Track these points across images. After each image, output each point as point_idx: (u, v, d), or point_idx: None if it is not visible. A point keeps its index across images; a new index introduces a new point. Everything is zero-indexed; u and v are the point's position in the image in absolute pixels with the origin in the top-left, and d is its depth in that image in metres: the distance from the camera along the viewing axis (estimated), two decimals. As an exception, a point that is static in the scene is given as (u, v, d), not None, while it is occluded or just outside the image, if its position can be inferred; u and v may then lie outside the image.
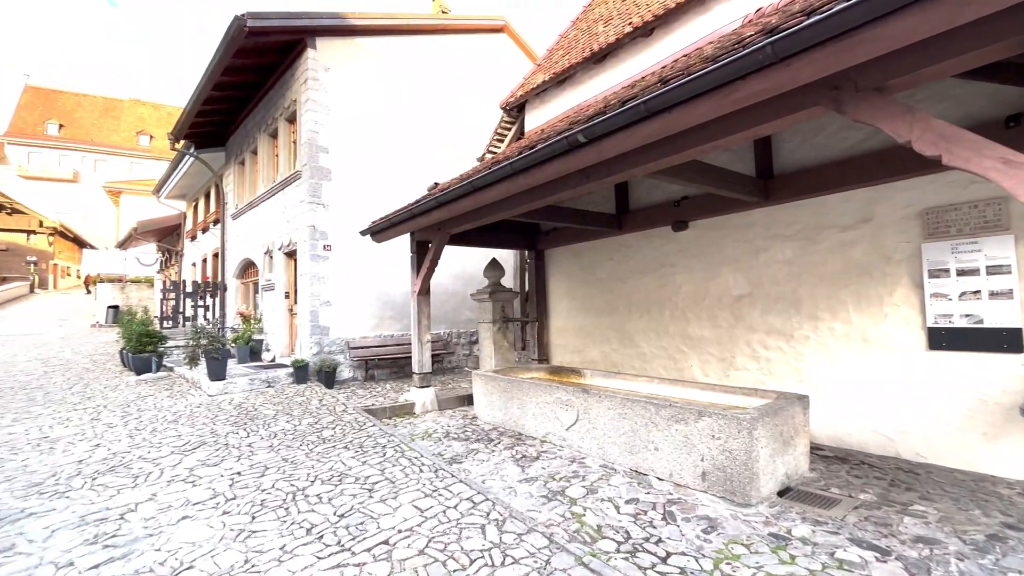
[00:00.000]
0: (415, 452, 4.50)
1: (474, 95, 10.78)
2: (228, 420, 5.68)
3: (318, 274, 8.29)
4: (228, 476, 3.95)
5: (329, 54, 8.76)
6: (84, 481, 3.87)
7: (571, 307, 7.28)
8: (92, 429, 5.43)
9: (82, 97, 46.71)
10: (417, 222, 5.75)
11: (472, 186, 4.45)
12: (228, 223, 12.76)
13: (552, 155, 3.61)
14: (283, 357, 9.30)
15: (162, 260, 23.64)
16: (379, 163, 9.22)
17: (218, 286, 12.89)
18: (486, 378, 5.82)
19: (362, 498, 3.52)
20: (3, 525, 3.12)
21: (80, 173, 42.66)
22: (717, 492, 3.49)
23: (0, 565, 2.65)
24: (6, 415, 6.15)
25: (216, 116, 11.49)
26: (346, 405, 6.37)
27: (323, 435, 5.09)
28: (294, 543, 2.89)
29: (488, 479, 4.00)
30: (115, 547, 2.85)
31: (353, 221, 8.27)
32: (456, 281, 10.04)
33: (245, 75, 9.68)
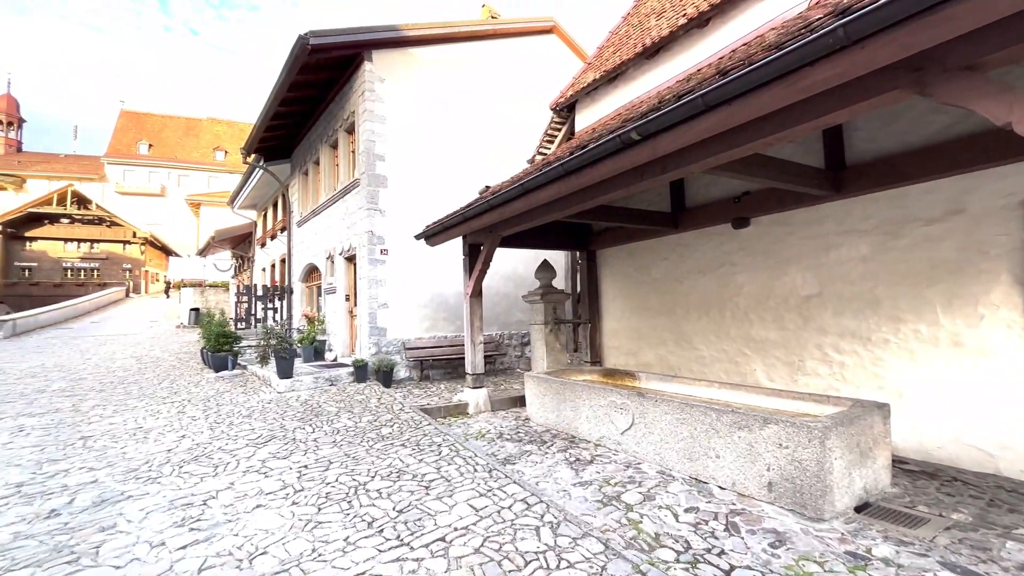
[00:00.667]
0: (469, 452, 4.57)
1: (523, 97, 10.83)
2: (295, 416, 6.03)
3: (376, 277, 8.63)
4: (296, 469, 4.19)
5: (384, 66, 9.10)
6: (172, 469, 4.23)
7: (624, 308, 7.13)
8: (178, 421, 5.93)
9: (168, 119, 51.30)
10: (469, 225, 5.85)
11: (523, 188, 4.46)
12: (294, 230, 13.56)
13: (604, 154, 3.55)
14: (344, 357, 9.75)
15: (236, 266, 25.48)
16: (432, 168, 9.46)
17: (285, 289, 13.72)
18: (538, 380, 5.81)
19: (419, 495, 3.62)
20: (107, 506, 3.47)
21: (166, 187, 46.88)
22: (785, 504, 3.29)
23: (105, 541, 2.95)
24: (108, 407, 6.85)
25: (282, 130, 12.26)
26: (403, 404, 6.57)
27: (382, 432, 5.29)
28: (356, 535, 3.01)
29: (542, 481, 3.99)
30: (199, 530, 3.09)
31: (408, 226, 8.53)
32: (507, 283, 10.12)
33: (308, 90, 10.26)
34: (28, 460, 4.52)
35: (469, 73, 10.20)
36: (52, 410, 6.68)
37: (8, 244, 38.21)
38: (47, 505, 3.49)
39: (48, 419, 6.15)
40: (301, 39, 8.09)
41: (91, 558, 2.76)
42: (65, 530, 3.10)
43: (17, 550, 2.85)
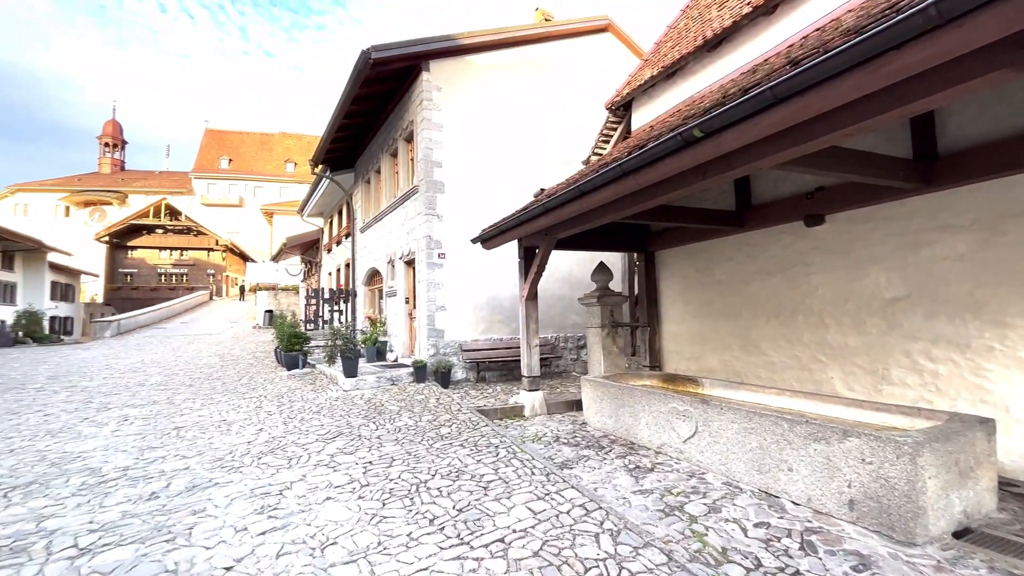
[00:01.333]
0: (526, 454, 4.58)
1: (577, 98, 10.76)
2: (360, 414, 6.31)
3: (434, 281, 8.87)
4: (361, 464, 4.38)
5: (441, 75, 9.36)
6: (252, 459, 4.56)
7: (686, 311, 6.88)
8: (256, 415, 6.39)
9: (245, 135, 55.50)
10: (524, 228, 5.88)
11: (579, 190, 4.43)
12: (357, 236, 14.23)
13: (664, 153, 3.45)
14: (404, 357, 10.10)
15: (305, 270, 27.09)
16: (488, 173, 9.60)
17: (349, 293, 14.41)
18: (596, 384, 5.73)
19: (478, 495, 3.67)
20: (197, 491, 3.80)
21: (244, 198, 50.71)
22: (869, 525, 3.04)
23: (196, 524, 3.22)
24: (197, 400, 7.50)
25: (346, 142, 12.92)
26: (460, 404, 6.71)
27: (441, 432, 5.42)
28: (419, 531, 3.10)
29: (600, 487, 3.93)
30: (276, 518, 3.31)
31: (465, 230, 8.70)
32: (562, 285, 10.06)
33: (370, 103, 10.74)
34: (132, 447, 5.03)
35: (523, 76, 10.27)
36: (150, 402, 7.40)
37: (113, 252, 42.88)
38: (148, 488, 3.87)
39: (147, 410, 6.82)
40: (364, 53, 8.49)
41: (185, 538, 3.02)
42: (163, 511, 3.42)
43: (125, 527, 3.18)
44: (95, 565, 2.71)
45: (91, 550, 2.88)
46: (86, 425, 5.98)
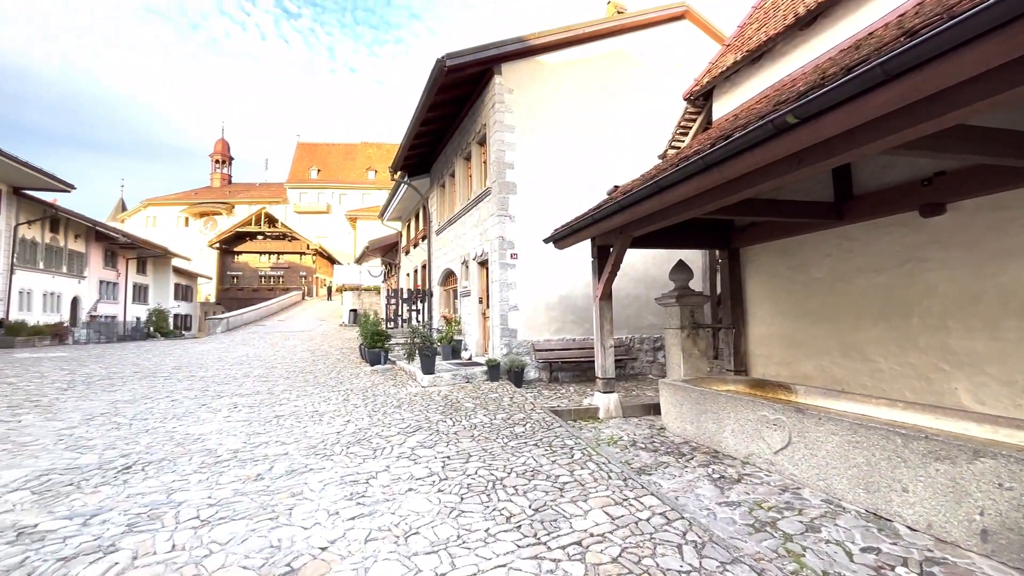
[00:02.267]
0: (602, 458, 4.49)
1: (652, 90, 10.39)
2: (437, 409, 6.54)
3: (507, 281, 8.98)
4: (440, 459, 4.53)
5: (512, 77, 9.46)
6: (342, 448, 4.88)
7: (775, 312, 6.38)
8: (344, 407, 6.84)
9: (331, 146, 59.74)
10: (598, 227, 5.77)
11: (657, 186, 4.26)
12: (432, 238, 14.78)
13: (753, 143, 3.22)
14: (478, 356, 10.32)
15: (385, 272, 28.60)
16: (559, 172, 9.56)
17: (426, 293, 15.00)
18: (675, 388, 5.49)
19: (554, 496, 3.66)
20: (295, 475, 4.14)
21: (331, 205, 54.60)
22: (1008, 559, 2.63)
23: (295, 505, 3.51)
24: (292, 391, 8.18)
25: (422, 148, 13.46)
26: (534, 404, 6.73)
27: (515, 431, 5.47)
28: (496, 528, 3.15)
29: (682, 496, 3.75)
30: (364, 505, 3.51)
31: (537, 230, 8.72)
32: (638, 285, 9.77)
33: (445, 109, 11.11)
34: (240, 432, 5.60)
35: (594, 72, 10.10)
36: (254, 392, 8.19)
37: (223, 257, 48.03)
38: (254, 470, 4.28)
39: (252, 399, 7.55)
40: (439, 61, 8.79)
41: (286, 518, 3.30)
42: (267, 492, 3.76)
43: (236, 503, 3.54)
44: (214, 536, 3.04)
45: (210, 522, 3.24)
46: (203, 411, 6.73)
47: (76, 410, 6.72)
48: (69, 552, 2.82)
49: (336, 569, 2.66)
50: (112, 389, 8.42)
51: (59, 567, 2.66)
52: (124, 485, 3.90)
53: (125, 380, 9.48)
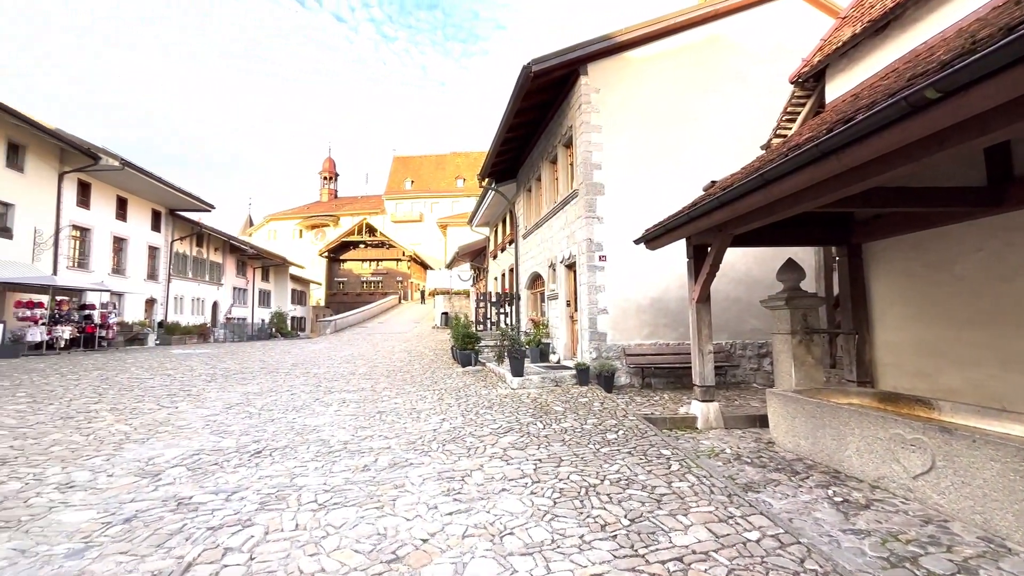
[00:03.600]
0: (702, 470, 4.23)
1: (750, 77, 9.64)
2: (528, 412, 6.59)
3: (595, 283, 8.83)
4: (532, 461, 4.56)
5: (599, 76, 9.30)
6: (438, 445, 5.11)
7: (908, 316, 5.58)
8: (439, 406, 7.15)
9: (423, 158, 63.14)
10: (695, 225, 5.45)
11: (763, 179, 3.92)
12: (519, 242, 14.99)
13: (881, 124, 2.84)
14: (566, 360, 10.26)
15: (474, 276, 29.54)
16: (650, 171, 9.22)
17: (514, 296, 15.24)
18: (786, 399, 5.01)
19: (650, 507, 3.51)
20: (397, 468, 4.40)
21: (423, 214, 57.67)
22: None
23: (398, 497, 3.73)
24: (392, 389, 8.73)
25: (509, 154, 13.73)
26: (626, 410, 6.52)
27: (607, 437, 5.34)
28: (591, 536, 3.08)
29: (796, 518, 3.40)
30: (460, 502, 3.63)
31: (626, 231, 8.47)
32: (738, 287, 9.09)
33: (531, 114, 11.24)
34: (349, 425, 6.08)
35: (685, 64, 9.61)
36: (359, 389, 8.87)
37: (331, 265, 52.80)
38: (362, 461, 4.62)
39: (358, 395, 8.18)
40: (525, 68, 8.92)
41: (390, 508, 3.52)
42: (373, 482, 4.04)
43: (347, 491, 3.84)
44: (329, 519, 3.33)
45: (326, 506, 3.55)
46: (317, 404, 7.42)
47: (218, 400, 7.75)
48: (216, 523, 3.25)
49: (436, 561, 2.77)
50: (244, 382, 9.60)
51: (208, 535, 3.07)
52: (256, 468, 4.41)
53: (254, 375, 10.76)
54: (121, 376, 9.97)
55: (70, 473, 4.21)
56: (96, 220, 18.95)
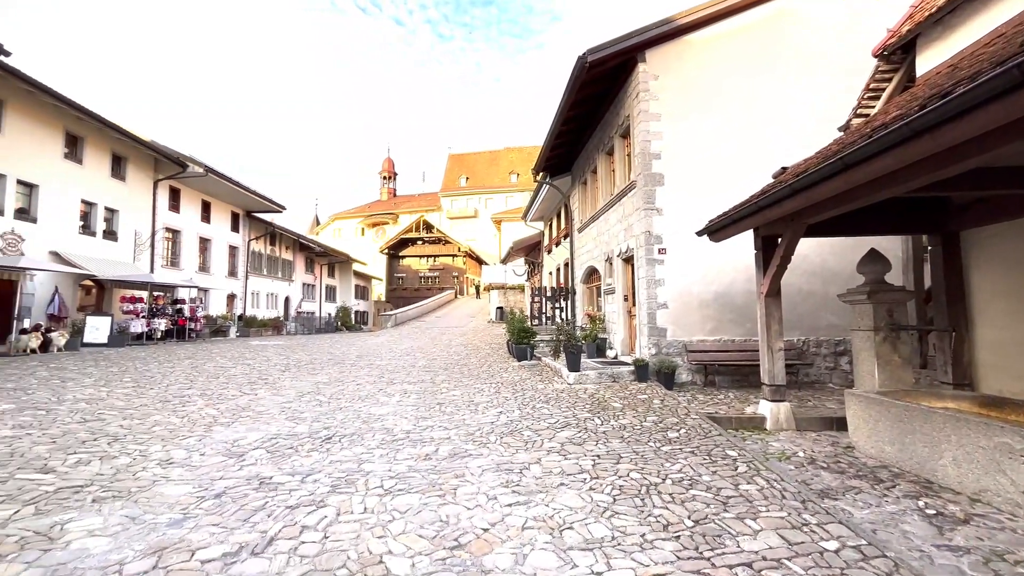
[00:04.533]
0: (773, 473, 4.01)
1: (824, 53, 8.94)
2: (585, 407, 6.54)
3: (654, 277, 8.58)
4: (590, 457, 4.52)
5: (657, 62, 8.98)
6: (496, 438, 5.18)
7: (1017, 312, 4.97)
8: (496, 399, 7.25)
9: (477, 154, 63.93)
10: (764, 215, 5.15)
11: (843, 163, 3.63)
12: (574, 236, 14.84)
13: (988, 96, 2.53)
14: (624, 355, 10.06)
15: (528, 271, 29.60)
16: (713, 159, 8.80)
17: (569, 291, 15.13)
18: (868, 401, 4.64)
19: (716, 509, 3.38)
20: (457, 459, 4.51)
21: (478, 210, 58.46)
22: None
23: (458, 486, 3.82)
24: (451, 382, 8.96)
25: (564, 148, 13.59)
26: (688, 409, 6.31)
27: (668, 435, 5.19)
28: (652, 535, 3.01)
29: (881, 530, 3.15)
30: (519, 494, 3.67)
31: (688, 223, 8.15)
32: (812, 279, 8.50)
33: (586, 106, 11.05)
34: (411, 415, 6.31)
35: (751, 42, 9.06)
36: (419, 380, 9.17)
37: (391, 261, 54.84)
38: (423, 450, 4.78)
39: (418, 387, 8.47)
40: (580, 59, 8.77)
41: (451, 496, 3.62)
42: (435, 471, 4.17)
43: (411, 478, 3.99)
44: (395, 504, 3.47)
45: (391, 492, 3.70)
46: (381, 395, 7.76)
47: (291, 388, 8.30)
48: (293, 502, 3.49)
49: (497, 551, 2.82)
50: (314, 372, 10.21)
51: (287, 513, 3.30)
52: (327, 452, 4.69)
53: (323, 365, 11.42)
54: (208, 365, 10.92)
55: (169, 451, 4.67)
56: (185, 223, 20.79)
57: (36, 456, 4.37)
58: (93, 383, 8.16)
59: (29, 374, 8.88)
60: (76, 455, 4.44)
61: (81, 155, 15.65)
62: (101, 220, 16.46)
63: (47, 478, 3.85)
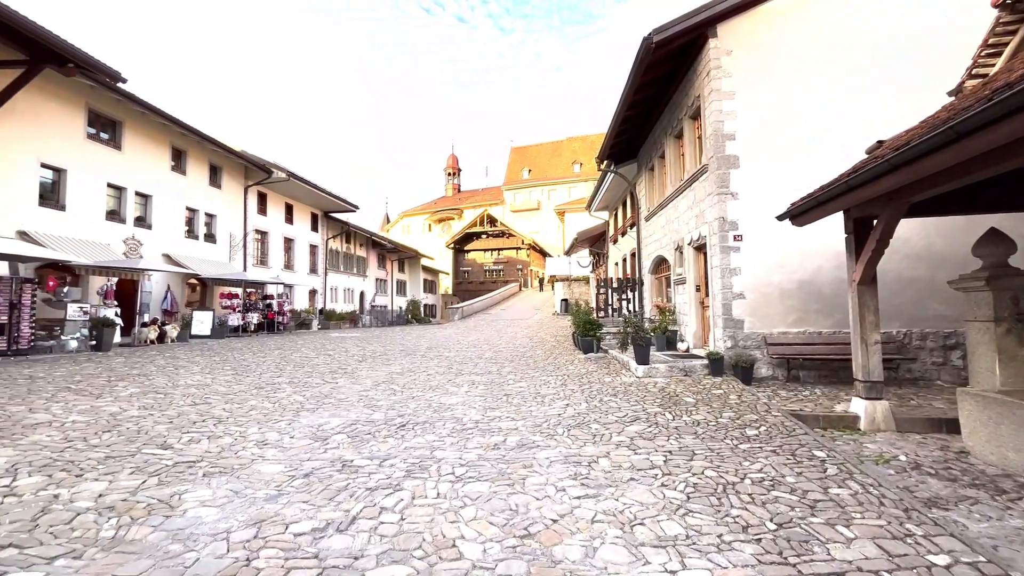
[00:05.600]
0: (868, 478, 3.67)
1: (927, 9, 7.91)
2: (655, 401, 6.34)
3: (729, 266, 8.11)
4: (661, 452, 4.38)
5: (730, 37, 8.41)
6: (563, 430, 5.17)
7: None
8: (562, 391, 7.23)
9: (540, 146, 63.65)
10: (856, 195, 4.68)
11: (955, 132, 3.20)
12: (641, 225, 14.37)
13: None
14: (696, 348, 9.63)
15: (593, 262, 29.12)
16: (793, 138, 8.13)
17: (636, 282, 14.71)
18: (987, 401, 4.10)
19: (802, 512, 3.15)
20: (524, 449, 4.56)
21: (540, 202, 58.31)
22: None
23: (527, 476, 3.86)
24: (517, 373, 9.05)
25: (629, 133, 13.17)
26: (768, 405, 5.93)
27: (746, 433, 4.91)
28: (731, 536, 2.87)
29: (1004, 547, 2.79)
30: (588, 487, 3.64)
31: (766, 207, 7.61)
32: (916, 265, 7.64)
33: (651, 89, 10.62)
34: (479, 405, 6.45)
35: (835, 8, 8.23)
36: (486, 372, 9.35)
37: (456, 256, 56.25)
38: (492, 440, 4.87)
39: (485, 378, 8.64)
40: (645, 40, 8.42)
41: (520, 486, 3.66)
42: (503, 461, 4.24)
43: (480, 467, 4.09)
44: (465, 491, 3.57)
45: (462, 479, 3.82)
46: (450, 385, 8.00)
47: (368, 377, 8.79)
48: (372, 484, 3.70)
49: (567, 542, 2.81)
50: (388, 363, 10.74)
51: (367, 494, 3.51)
52: (401, 439, 4.92)
53: (395, 356, 11.98)
54: (294, 355, 11.84)
55: (264, 433, 5.12)
56: (271, 224, 22.59)
57: (157, 434, 4.97)
58: (200, 371, 9.13)
59: (149, 362, 10.11)
60: (188, 434, 4.99)
61: (184, 167, 17.46)
62: (202, 224, 18.31)
63: (166, 454, 4.37)
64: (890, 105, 7.71)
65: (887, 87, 7.92)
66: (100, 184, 14.02)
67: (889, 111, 7.59)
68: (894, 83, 7.90)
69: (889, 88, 7.90)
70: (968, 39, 6.94)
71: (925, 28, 7.91)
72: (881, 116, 7.61)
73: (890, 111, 7.57)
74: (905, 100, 7.55)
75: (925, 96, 7.12)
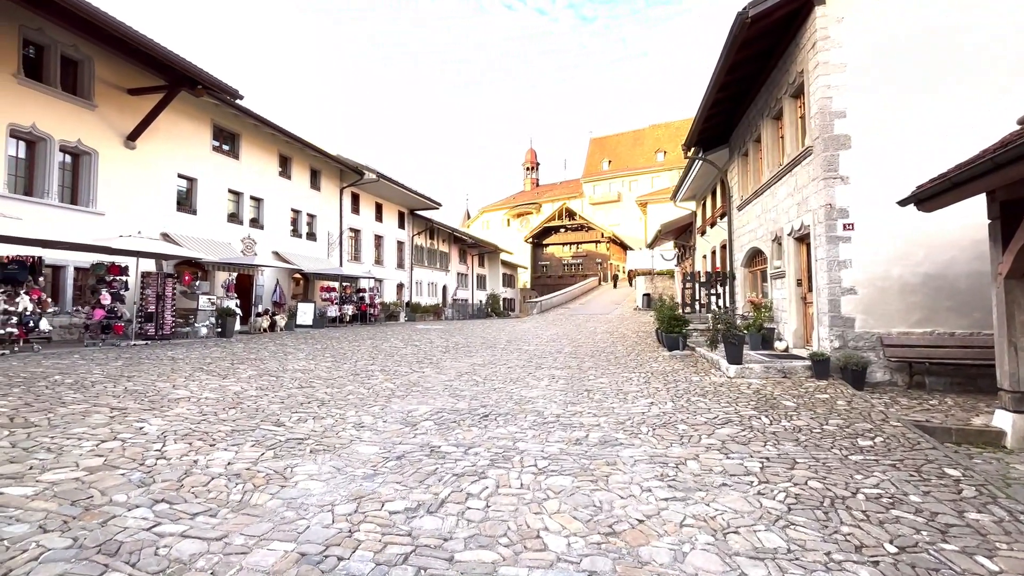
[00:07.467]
0: (1018, 504, 3.15)
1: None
2: (748, 403, 5.93)
3: (837, 258, 7.33)
4: (757, 459, 4.08)
5: (840, 2, 7.54)
6: (648, 429, 5.00)
7: None
8: (646, 389, 7.00)
9: (620, 136, 61.84)
10: (1005, 173, 3.99)
11: None
12: (733, 215, 13.44)
13: None
14: (796, 348, 8.85)
15: (678, 255, 27.80)
16: (917, 110, 7.14)
17: (727, 275, 13.82)
18: None
19: (930, 537, 2.78)
20: (607, 446, 4.48)
21: (621, 194, 56.72)
22: None
23: (611, 474, 3.79)
24: (597, 369, 8.91)
25: (719, 117, 12.35)
26: (885, 413, 5.29)
27: (858, 443, 4.42)
28: (841, 555, 2.61)
29: None
30: (675, 489, 3.49)
31: (882, 191, 6.78)
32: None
33: (745, 68, 9.86)
34: (559, 400, 6.45)
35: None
36: (566, 366, 9.31)
37: (535, 250, 56.49)
38: (574, 435, 4.85)
39: (565, 373, 8.61)
40: (739, 15, 7.82)
41: (604, 483, 3.60)
42: (585, 456, 4.20)
43: (562, 461, 4.08)
44: (548, 484, 3.59)
45: (545, 472, 3.84)
46: (530, 378, 8.08)
47: (451, 368, 9.14)
48: (459, 471, 3.84)
49: (654, 544, 2.72)
50: (470, 355, 11.08)
51: (454, 480, 3.65)
52: (485, 429, 5.05)
53: (477, 348, 12.33)
54: (385, 345, 12.63)
55: (360, 417, 5.53)
56: (363, 223, 24.23)
57: (272, 412, 5.55)
58: (304, 357, 10.06)
59: (263, 348, 11.33)
60: (297, 414, 5.52)
61: (290, 172, 19.26)
62: (304, 224, 20.12)
63: (279, 430, 4.87)
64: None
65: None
66: (223, 190, 15.93)
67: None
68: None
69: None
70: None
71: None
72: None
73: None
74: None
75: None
